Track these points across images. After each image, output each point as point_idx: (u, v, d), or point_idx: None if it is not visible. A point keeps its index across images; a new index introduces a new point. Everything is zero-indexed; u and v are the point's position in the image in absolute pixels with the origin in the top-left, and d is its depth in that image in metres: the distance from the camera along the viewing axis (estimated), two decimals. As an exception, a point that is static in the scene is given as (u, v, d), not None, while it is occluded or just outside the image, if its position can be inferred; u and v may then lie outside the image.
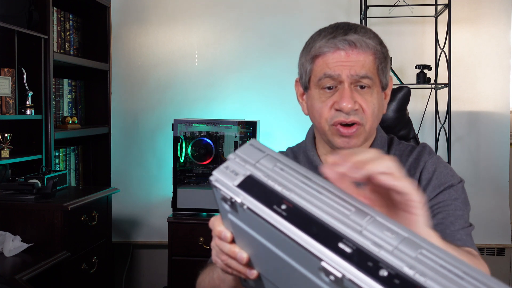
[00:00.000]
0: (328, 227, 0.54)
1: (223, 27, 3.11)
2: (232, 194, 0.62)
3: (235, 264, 0.75)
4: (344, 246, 0.52)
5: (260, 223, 0.59)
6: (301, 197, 0.58)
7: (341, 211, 0.56)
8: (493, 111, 2.98)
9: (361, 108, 1.07)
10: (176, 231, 2.66)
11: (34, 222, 2.13)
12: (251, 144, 0.66)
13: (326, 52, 1.07)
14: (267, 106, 3.06)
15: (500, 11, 2.96)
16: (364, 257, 0.51)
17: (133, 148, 3.17)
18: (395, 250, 0.51)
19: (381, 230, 0.53)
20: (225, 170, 0.64)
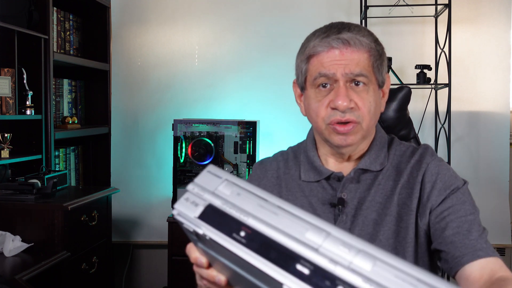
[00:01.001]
0: (286, 250, 0.56)
1: (223, 27, 3.11)
2: (194, 227, 0.64)
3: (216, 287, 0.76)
4: (301, 267, 0.54)
5: (224, 252, 0.61)
6: (258, 221, 0.60)
7: (298, 230, 0.58)
8: (493, 111, 2.98)
9: (357, 106, 1.06)
10: (176, 231, 2.66)
11: (34, 222, 2.13)
12: (208, 171, 0.69)
13: (320, 52, 1.07)
14: (267, 106, 3.05)
15: (500, 11, 2.96)
16: (322, 276, 0.53)
17: (133, 148, 3.17)
18: (351, 265, 0.52)
19: (336, 245, 0.55)
20: (185, 202, 0.66)
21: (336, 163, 1.17)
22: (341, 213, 1.12)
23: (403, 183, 1.12)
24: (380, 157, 1.15)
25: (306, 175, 1.18)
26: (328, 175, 1.15)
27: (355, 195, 1.13)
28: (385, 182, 1.14)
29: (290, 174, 1.21)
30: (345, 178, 1.14)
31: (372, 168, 1.14)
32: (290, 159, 1.24)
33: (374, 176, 1.14)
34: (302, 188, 1.18)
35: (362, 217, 1.12)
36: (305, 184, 1.18)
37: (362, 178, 1.14)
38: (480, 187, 2.93)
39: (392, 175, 1.14)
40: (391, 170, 1.15)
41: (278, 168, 1.23)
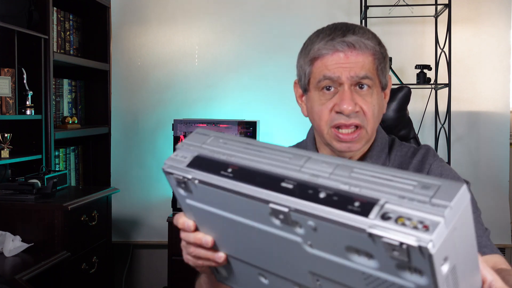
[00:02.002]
0: (270, 174, 0.61)
1: (223, 27, 3.11)
2: (183, 174, 0.68)
3: (203, 252, 0.78)
4: (286, 184, 0.59)
5: (212, 193, 0.65)
6: (243, 158, 0.65)
7: (281, 159, 0.62)
8: (493, 111, 2.98)
9: (362, 110, 1.06)
10: (176, 231, 2.63)
11: (34, 222, 2.13)
12: (196, 132, 0.74)
13: (325, 54, 1.06)
14: (267, 106, 3.05)
15: (500, 11, 2.96)
16: (304, 188, 0.57)
17: (133, 148, 3.17)
18: (331, 175, 0.57)
19: (317, 164, 0.60)
20: (175, 157, 0.72)
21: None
22: None
23: None
24: (381, 158, 1.15)
25: None
26: None
27: None
28: None
29: None
30: None
31: None
32: None
33: None
34: None
35: None
36: None
37: None
38: (480, 187, 2.93)
39: None
40: None
41: None
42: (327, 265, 0.59)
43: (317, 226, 0.55)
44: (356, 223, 0.52)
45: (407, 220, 0.50)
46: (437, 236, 0.48)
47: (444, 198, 0.50)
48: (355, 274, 0.56)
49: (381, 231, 0.50)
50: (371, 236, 0.51)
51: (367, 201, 0.53)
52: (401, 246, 0.49)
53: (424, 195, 0.51)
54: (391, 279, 0.53)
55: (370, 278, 0.55)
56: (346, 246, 0.54)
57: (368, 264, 0.54)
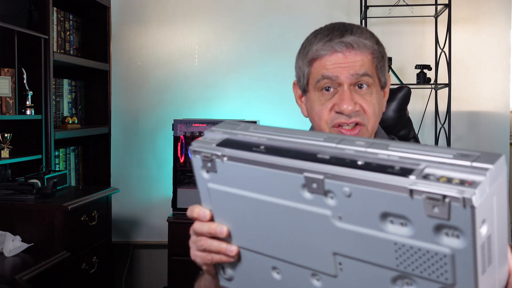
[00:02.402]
0: (305, 149, 0.61)
1: (223, 27, 3.11)
2: (212, 151, 0.67)
3: (216, 244, 0.77)
4: (322, 155, 0.59)
5: (240, 170, 0.65)
6: (276, 140, 0.65)
7: (314, 139, 0.63)
8: (493, 111, 2.98)
9: (362, 108, 1.06)
10: (176, 231, 2.66)
11: (34, 222, 2.13)
12: (225, 122, 0.73)
13: (323, 55, 1.06)
14: (267, 106, 3.06)
15: (500, 11, 2.96)
16: (341, 158, 0.58)
17: (133, 148, 3.17)
18: (368, 149, 0.58)
19: (352, 142, 0.60)
20: (203, 139, 0.70)
21: None
22: None
23: None
24: None
25: None
26: None
27: None
28: None
29: None
30: None
31: None
32: None
33: None
34: None
35: None
36: None
37: None
38: (480, 187, 2.93)
39: None
40: None
41: None
42: (355, 242, 0.58)
43: (352, 192, 0.55)
44: (396, 182, 0.52)
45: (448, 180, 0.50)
46: (480, 191, 0.48)
47: (485, 162, 0.50)
48: (386, 247, 0.55)
49: (423, 186, 0.50)
50: (412, 193, 0.51)
51: (406, 166, 0.53)
52: (443, 200, 0.49)
53: (465, 161, 0.51)
54: (426, 247, 0.52)
55: (402, 249, 0.54)
56: (381, 213, 0.54)
57: (403, 232, 0.53)
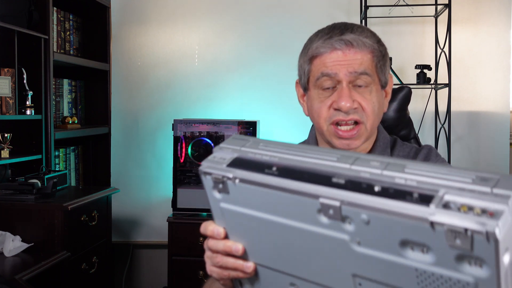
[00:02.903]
0: (319, 171, 0.59)
1: (223, 27, 3.11)
2: (223, 173, 0.65)
3: (232, 261, 0.75)
4: (337, 179, 0.57)
5: (253, 193, 0.62)
6: (287, 158, 0.62)
7: (327, 159, 0.60)
8: (493, 111, 2.98)
9: (361, 106, 1.06)
10: (176, 231, 2.66)
11: (34, 222, 2.13)
12: (233, 138, 0.71)
13: (323, 53, 1.07)
14: (267, 106, 3.06)
15: (500, 11, 2.96)
16: (357, 183, 0.55)
17: (133, 148, 3.17)
18: (384, 172, 0.55)
19: (367, 162, 0.58)
20: (212, 159, 0.68)
21: None
22: None
23: None
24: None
25: None
26: None
27: None
28: None
29: None
30: None
31: None
32: None
33: None
34: None
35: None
36: None
37: None
38: (480, 187, 2.93)
39: None
40: None
41: None
42: (375, 265, 0.56)
43: (371, 219, 0.53)
44: (416, 212, 0.50)
45: (469, 208, 0.48)
46: (502, 222, 0.47)
47: (506, 188, 0.49)
48: (406, 272, 0.53)
49: (444, 218, 0.48)
50: (433, 225, 0.49)
51: (425, 193, 0.51)
52: (466, 233, 0.47)
53: (485, 186, 0.50)
54: (448, 274, 0.51)
55: (424, 275, 0.52)
56: (400, 240, 0.52)
57: (424, 259, 0.52)
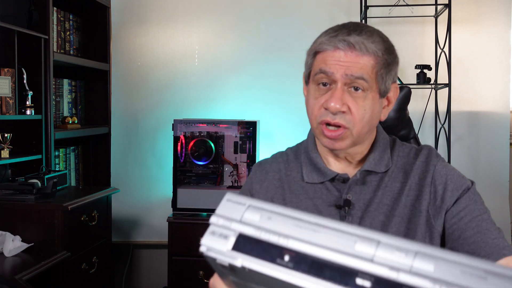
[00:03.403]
0: (340, 266, 0.53)
1: (223, 27, 3.11)
2: (229, 260, 0.58)
3: None
4: (362, 280, 0.51)
5: (266, 279, 0.57)
6: (300, 242, 0.56)
7: (345, 244, 0.54)
8: (493, 111, 2.98)
9: (349, 110, 1.05)
10: (176, 231, 2.66)
11: (34, 222, 2.13)
12: (228, 200, 0.64)
13: (326, 50, 1.07)
14: (267, 106, 3.05)
15: (500, 11, 2.96)
16: (385, 285, 0.50)
17: (133, 148, 3.17)
18: (412, 269, 0.50)
19: (391, 252, 0.52)
20: (212, 236, 0.61)
21: (337, 163, 1.17)
22: (348, 215, 1.12)
23: (411, 184, 1.13)
24: (384, 158, 1.15)
25: (309, 176, 1.17)
26: (332, 176, 1.14)
27: (360, 196, 1.13)
28: (392, 184, 1.14)
29: (292, 175, 1.19)
30: (351, 179, 1.13)
31: (377, 170, 1.14)
32: (291, 160, 1.22)
33: (380, 178, 1.14)
34: (305, 190, 1.16)
35: (370, 219, 1.11)
36: (309, 185, 1.16)
37: (368, 180, 1.14)
38: (480, 187, 2.89)
39: (398, 176, 1.14)
40: (397, 172, 1.15)
41: (279, 169, 1.21)
42: None
43: None
44: None
45: None
46: None
47: None
48: None
49: None
50: None
51: None
52: None
53: None
54: None
55: None
56: None
57: None
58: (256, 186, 1.21)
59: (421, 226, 1.10)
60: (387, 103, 1.14)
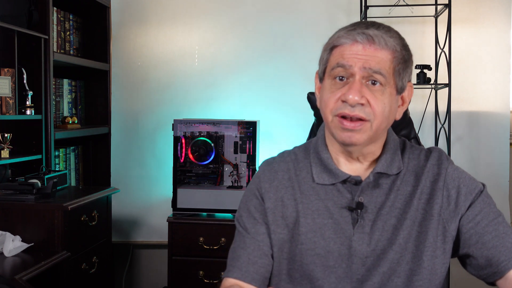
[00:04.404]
0: None
1: (223, 27, 3.11)
2: None
3: None
4: None
5: None
6: None
7: None
8: (493, 111, 2.98)
9: (368, 103, 1.04)
10: (176, 231, 2.65)
11: (34, 222, 2.13)
12: None
13: (344, 43, 1.06)
14: (267, 106, 3.05)
15: (500, 11, 2.96)
16: None
17: (133, 148, 3.17)
18: None
19: None
20: None
21: (348, 164, 1.15)
22: (360, 218, 1.11)
23: (422, 188, 1.12)
24: (395, 160, 1.14)
25: (319, 177, 1.15)
26: (344, 178, 1.13)
27: (372, 199, 1.12)
28: (404, 187, 1.13)
29: (302, 175, 1.17)
30: (364, 182, 1.12)
31: (389, 172, 1.13)
32: (300, 159, 1.20)
33: (392, 181, 1.13)
34: (316, 191, 1.15)
35: (382, 222, 1.10)
36: (319, 186, 1.15)
37: (380, 183, 1.13)
38: (480, 187, 2.93)
39: (410, 180, 1.14)
40: (409, 175, 1.14)
41: (288, 169, 1.19)
42: None
43: None
44: None
45: None
46: None
47: None
48: None
49: None
50: None
51: None
52: None
53: None
54: None
55: None
56: None
57: None
58: (265, 185, 1.18)
59: (433, 230, 1.10)
60: (402, 103, 1.13)
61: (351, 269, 1.09)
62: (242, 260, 1.15)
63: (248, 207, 1.19)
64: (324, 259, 1.11)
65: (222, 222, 2.63)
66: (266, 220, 1.16)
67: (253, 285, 1.13)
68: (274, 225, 1.15)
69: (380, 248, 1.09)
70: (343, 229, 1.11)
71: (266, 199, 1.17)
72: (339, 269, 1.10)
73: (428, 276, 1.09)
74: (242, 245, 1.17)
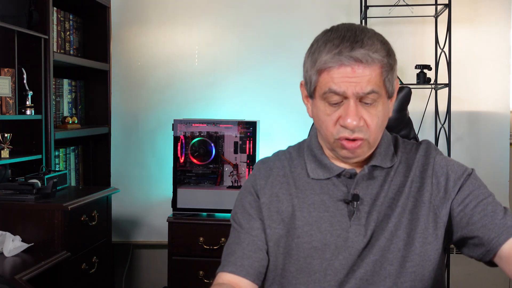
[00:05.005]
0: None
1: (223, 27, 3.11)
2: None
3: None
4: None
5: None
6: None
7: None
8: (493, 111, 2.98)
9: (366, 123, 1.08)
10: (176, 231, 2.66)
11: (34, 222, 2.13)
12: None
13: (331, 67, 1.06)
14: (267, 106, 3.06)
15: (500, 11, 2.96)
16: None
17: (133, 148, 3.17)
18: None
19: None
20: None
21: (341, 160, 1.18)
22: (356, 210, 1.13)
23: (413, 177, 1.16)
24: (389, 154, 1.18)
25: (314, 172, 1.18)
26: (339, 172, 1.16)
27: (367, 191, 1.15)
28: (397, 178, 1.17)
29: (297, 172, 1.21)
30: (359, 174, 1.15)
31: (383, 165, 1.16)
32: (294, 157, 1.23)
33: (385, 173, 1.17)
34: (312, 186, 1.18)
35: (376, 213, 1.13)
36: (315, 181, 1.18)
37: (374, 175, 1.16)
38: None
39: (402, 170, 1.18)
40: (401, 167, 1.18)
41: (283, 166, 1.22)
42: None
43: None
44: None
45: None
46: None
47: None
48: None
49: None
50: None
51: None
52: None
53: None
54: None
55: None
56: None
57: None
58: (260, 182, 1.21)
59: (424, 217, 1.13)
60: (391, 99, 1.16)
61: (347, 261, 1.12)
62: (237, 255, 1.17)
63: (243, 204, 1.23)
64: (321, 252, 1.13)
65: (222, 222, 2.63)
66: (261, 216, 1.19)
67: (247, 279, 1.15)
68: (270, 220, 1.18)
69: (374, 238, 1.12)
70: (340, 221, 1.14)
71: (261, 195, 1.20)
72: (335, 261, 1.12)
73: (421, 262, 1.11)
74: (237, 241, 1.19)
